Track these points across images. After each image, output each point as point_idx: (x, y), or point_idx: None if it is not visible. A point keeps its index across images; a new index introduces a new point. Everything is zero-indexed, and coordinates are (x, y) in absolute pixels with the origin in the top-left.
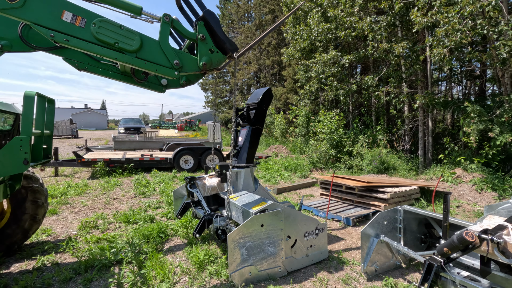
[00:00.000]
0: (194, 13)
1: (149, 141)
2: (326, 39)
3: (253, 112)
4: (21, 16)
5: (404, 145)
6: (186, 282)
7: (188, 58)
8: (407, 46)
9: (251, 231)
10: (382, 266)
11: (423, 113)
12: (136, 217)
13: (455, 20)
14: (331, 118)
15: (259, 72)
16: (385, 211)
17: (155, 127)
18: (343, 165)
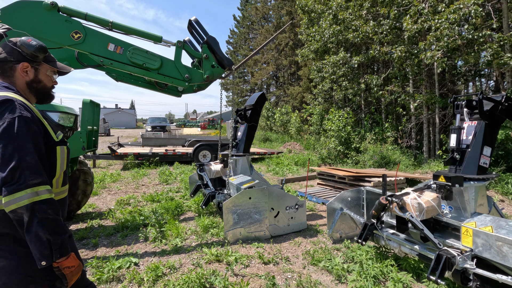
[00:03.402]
0: (200, 37)
1: (173, 138)
2: (337, 41)
3: (249, 112)
4: (82, 49)
5: (408, 141)
6: (194, 239)
7: (195, 72)
8: (405, 49)
9: (241, 202)
10: (347, 234)
11: (427, 110)
12: (159, 197)
13: (445, 25)
14: (339, 116)
15: (277, 72)
16: (349, 190)
17: (179, 125)
18: (350, 161)
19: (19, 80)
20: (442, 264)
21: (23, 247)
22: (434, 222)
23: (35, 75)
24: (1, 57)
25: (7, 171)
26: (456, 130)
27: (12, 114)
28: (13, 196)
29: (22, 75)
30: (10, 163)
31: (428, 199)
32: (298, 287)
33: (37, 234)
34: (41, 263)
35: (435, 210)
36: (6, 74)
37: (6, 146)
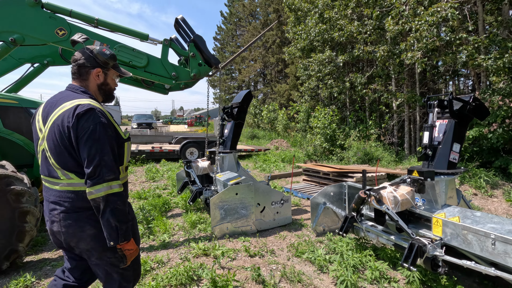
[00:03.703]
0: (187, 35)
1: (160, 135)
2: (323, 39)
3: (236, 110)
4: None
5: (390, 138)
6: (181, 234)
7: (182, 71)
8: (387, 49)
9: (228, 197)
10: (330, 227)
11: (409, 108)
12: (146, 194)
13: (424, 27)
14: (325, 114)
15: (265, 69)
16: (332, 185)
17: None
18: (335, 157)
19: (92, 83)
20: (414, 252)
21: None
22: (409, 214)
23: (105, 79)
24: (80, 62)
25: (91, 168)
26: (428, 128)
27: (94, 121)
28: (94, 188)
29: (95, 78)
30: (94, 161)
31: (403, 193)
32: (282, 277)
33: (108, 220)
34: (109, 243)
35: (409, 203)
36: (83, 77)
37: (91, 148)
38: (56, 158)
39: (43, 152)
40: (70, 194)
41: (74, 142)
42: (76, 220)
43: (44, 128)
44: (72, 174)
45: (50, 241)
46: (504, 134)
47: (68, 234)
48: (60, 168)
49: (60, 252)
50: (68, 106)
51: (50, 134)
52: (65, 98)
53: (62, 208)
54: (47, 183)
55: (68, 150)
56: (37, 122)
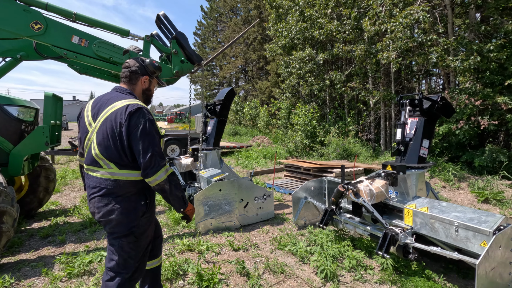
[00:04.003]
0: (169, 32)
1: None
2: (304, 37)
3: (219, 107)
4: (43, 40)
5: (368, 134)
6: (165, 231)
7: (164, 67)
8: (365, 49)
9: (212, 194)
10: (311, 220)
11: (385, 106)
12: None
13: (398, 29)
14: (306, 111)
15: (246, 66)
16: (312, 180)
17: None
18: (315, 153)
19: (138, 88)
20: (388, 241)
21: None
22: (383, 206)
23: (149, 85)
24: (133, 69)
25: (147, 158)
26: (401, 125)
27: (144, 118)
28: (157, 175)
29: (142, 84)
30: (148, 152)
31: (378, 186)
32: (266, 269)
33: (176, 194)
34: (181, 210)
35: (383, 195)
36: (132, 81)
37: (144, 141)
38: (102, 149)
39: (90, 145)
40: (108, 181)
41: (125, 136)
42: (107, 204)
43: (94, 123)
44: (113, 164)
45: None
46: (470, 130)
47: (99, 215)
48: (103, 158)
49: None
50: (119, 105)
51: (101, 128)
52: (114, 98)
53: (99, 193)
54: (89, 171)
55: (115, 143)
56: (86, 117)
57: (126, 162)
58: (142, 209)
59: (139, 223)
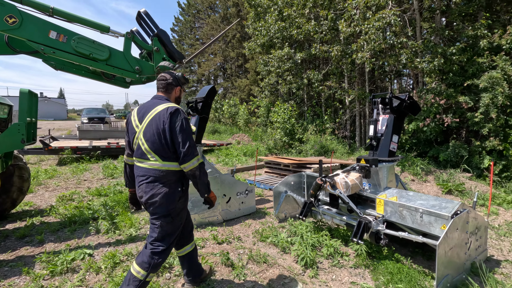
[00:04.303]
0: (150, 29)
1: (115, 130)
2: (282, 36)
3: (200, 105)
4: (18, 34)
5: (344, 132)
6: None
7: (146, 65)
8: (341, 49)
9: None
10: (291, 213)
11: (359, 104)
12: (107, 191)
13: (372, 31)
14: (285, 109)
15: (225, 64)
16: (292, 175)
17: (120, 117)
18: (294, 150)
19: (172, 96)
20: (361, 228)
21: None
22: (357, 197)
23: (179, 94)
24: (169, 81)
25: (186, 149)
26: (373, 122)
27: (181, 117)
28: (191, 162)
29: (175, 93)
30: (186, 144)
31: (353, 178)
32: (249, 259)
33: (203, 180)
34: (205, 195)
35: (358, 187)
36: (168, 91)
37: (182, 135)
38: (150, 144)
39: (138, 141)
40: (154, 171)
41: (168, 132)
42: (152, 189)
43: (140, 125)
44: (157, 156)
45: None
46: (436, 127)
47: (145, 197)
48: (150, 151)
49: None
50: (161, 108)
51: (148, 127)
52: (156, 103)
53: (147, 180)
54: (138, 163)
55: (160, 138)
56: (133, 120)
57: (169, 154)
58: (179, 194)
59: (176, 206)
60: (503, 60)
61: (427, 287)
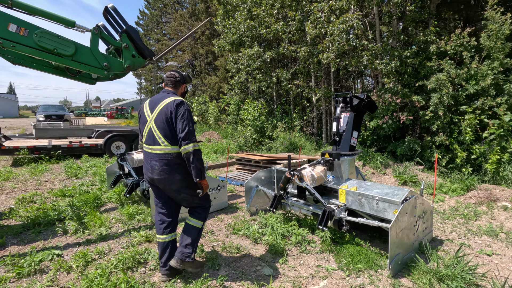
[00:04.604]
0: (118, 25)
1: (76, 128)
2: (252, 35)
3: None
4: None
5: (311, 129)
6: (119, 226)
7: (115, 61)
8: (307, 49)
9: None
10: (262, 207)
11: (325, 103)
12: (72, 192)
13: (336, 33)
14: (255, 106)
15: (194, 60)
16: (263, 170)
17: (80, 114)
18: (264, 147)
19: (179, 91)
20: (326, 217)
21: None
22: (323, 188)
23: (184, 90)
24: (178, 79)
25: (184, 134)
26: (336, 119)
27: (184, 108)
28: (188, 145)
29: (182, 89)
30: (185, 130)
31: (318, 171)
32: (223, 251)
33: (196, 165)
34: (196, 179)
35: (323, 179)
36: (176, 87)
37: (183, 122)
38: (161, 131)
39: (150, 129)
40: (165, 155)
41: (174, 119)
42: (170, 170)
43: (151, 114)
44: (167, 142)
45: None
46: (393, 124)
47: (164, 179)
48: (161, 137)
49: None
50: (169, 100)
51: (159, 116)
52: (165, 97)
53: (162, 163)
54: (150, 150)
55: (169, 125)
56: (145, 111)
57: (176, 139)
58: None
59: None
60: (448, 64)
61: (382, 266)
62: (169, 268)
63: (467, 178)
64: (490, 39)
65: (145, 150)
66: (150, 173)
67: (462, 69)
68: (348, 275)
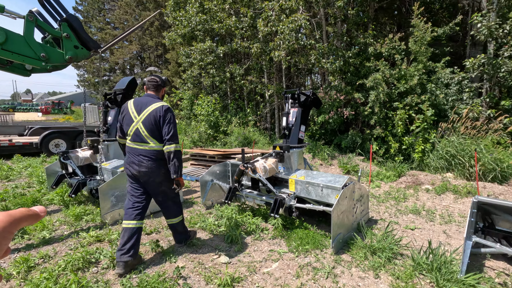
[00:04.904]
0: (57, 12)
1: (4, 125)
2: (204, 29)
3: (120, 97)
4: None
5: (265, 124)
6: (65, 228)
7: (54, 52)
8: (260, 46)
9: (118, 184)
10: (217, 200)
11: (277, 99)
12: (4, 195)
13: (286, 32)
14: (208, 101)
15: (142, 52)
16: (217, 164)
17: (6, 109)
18: (219, 143)
19: (160, 94)
20: (277, 205)
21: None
22: (274, 179)
23: (164, 93)
24: (159, 83)
25: (169, 136)
26: (285, 114)
27: (171, 113)
28: (171, 146)
29: (162, 92)
30: (170, 133)
31: (270, 163)
32: None
33: (175, 163)
34: (173, 176)
35: (274, 170)
36: (158, 91)
37: (170, 125)
38: (149, 131)
39: (137, 129)
40: (153, 151)
41: (162, 122)
42: (157, 164)
43: (138, 116)
44: (155, 140)
45: None
46: (338, 119)
47: (151, 171)
48: (150, 137)
49: None
50: (158, 105)
51: (147, 119)
52: (151, 101)
53: (150, 158)
54: (138, 146)
55: (158, 127)
56: (131, 113)
57: (162, 139)
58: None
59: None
60: (383, 65)
61: (327, 245)
62: (132, 254)
63: (399, 166)
64: (416, 44)
65: (131, 146)
66: (137, 166)
67: (394, 69)
68: (297, 256)
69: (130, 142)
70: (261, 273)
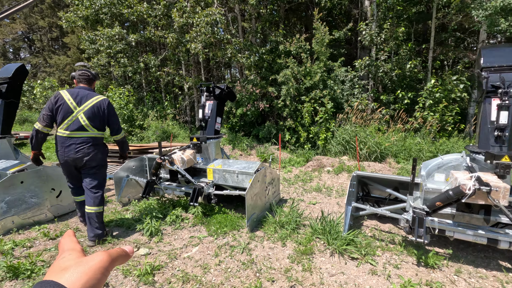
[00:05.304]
0: None
1: None
2: (111, 13)
3: (5, 86)
4: None
5: (184, 117)
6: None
7: None
8: (175, 37)
9: (9, 188)
10: (134, 196)
11: (197, 91)
12: None
13: (202, 25)
14: (120, 94)
15: (31, 34)
16: (133, 160)
17: None
18: (135, 138)
19: (93, 86)
20: (196, 193)
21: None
22: (193, 170)
23: (94, 85)
24: (91, 77)
25: (118, 126)
26: (201, 107)
27: (110, 104)
28: (119, 135)
29: (94, 85)
30: (116, 124)
31: (188, 154)
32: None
33: (123, 146)
34: (125, 154)
35: (192, 161)
36: (91, 83)
37: (115, 118)
38: (91, 121)
39: (77, 119)
40: (92, 138)
41: (107, 115)
42: (94, 150)
43: (79, 107)
44: (94, 129)
45: None
46: (255, 111)
47: (89, 156)
48: (90, 126)
49: None
50: (101, 98)
51: (90, 110)
52: (92, 94)
53: (89, 144)
54: (75, 135)
55: (100, 118)
56: (70, 104)
57: (102, 128)
58: (106, 150)
59: (106, 157)
60: (292, 62)
61: (243, 226)
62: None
63: (307, 152)
64: (318, 44)
65: (66, 136)
66: (73, 153)
67: (301, 67)
68: (216, 238)
69: (65, 131)
70: (181, 258)
